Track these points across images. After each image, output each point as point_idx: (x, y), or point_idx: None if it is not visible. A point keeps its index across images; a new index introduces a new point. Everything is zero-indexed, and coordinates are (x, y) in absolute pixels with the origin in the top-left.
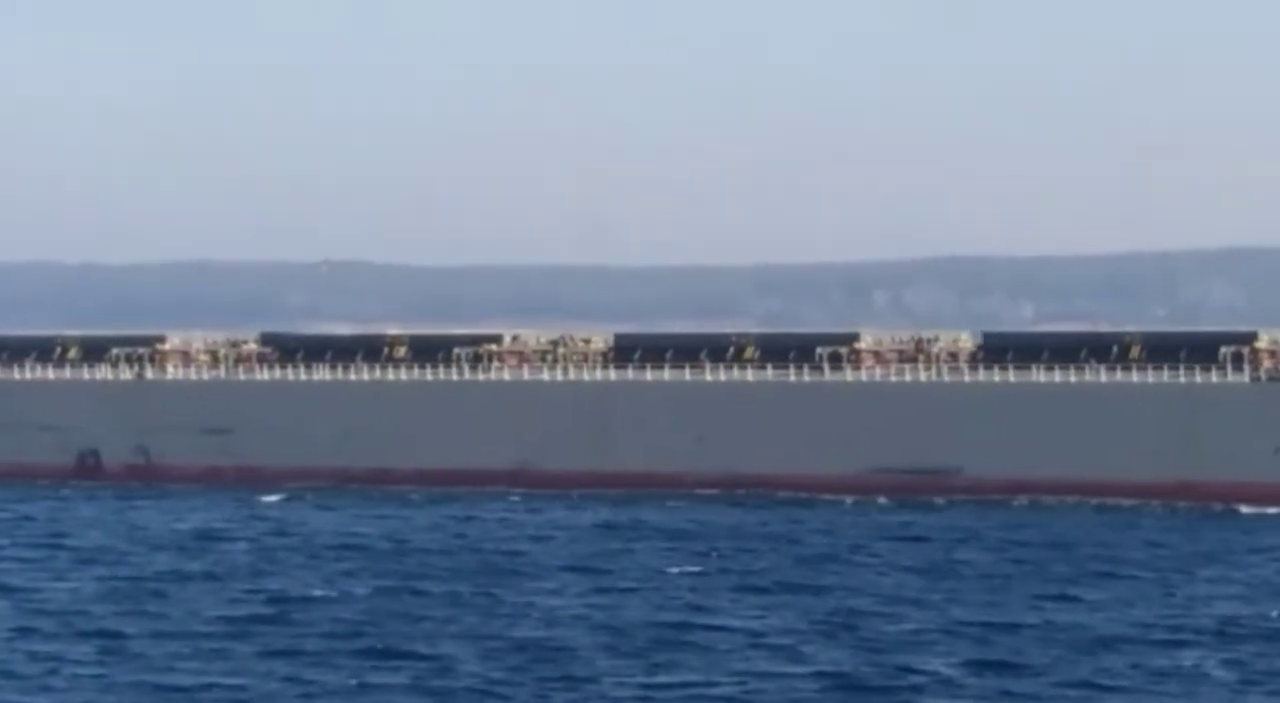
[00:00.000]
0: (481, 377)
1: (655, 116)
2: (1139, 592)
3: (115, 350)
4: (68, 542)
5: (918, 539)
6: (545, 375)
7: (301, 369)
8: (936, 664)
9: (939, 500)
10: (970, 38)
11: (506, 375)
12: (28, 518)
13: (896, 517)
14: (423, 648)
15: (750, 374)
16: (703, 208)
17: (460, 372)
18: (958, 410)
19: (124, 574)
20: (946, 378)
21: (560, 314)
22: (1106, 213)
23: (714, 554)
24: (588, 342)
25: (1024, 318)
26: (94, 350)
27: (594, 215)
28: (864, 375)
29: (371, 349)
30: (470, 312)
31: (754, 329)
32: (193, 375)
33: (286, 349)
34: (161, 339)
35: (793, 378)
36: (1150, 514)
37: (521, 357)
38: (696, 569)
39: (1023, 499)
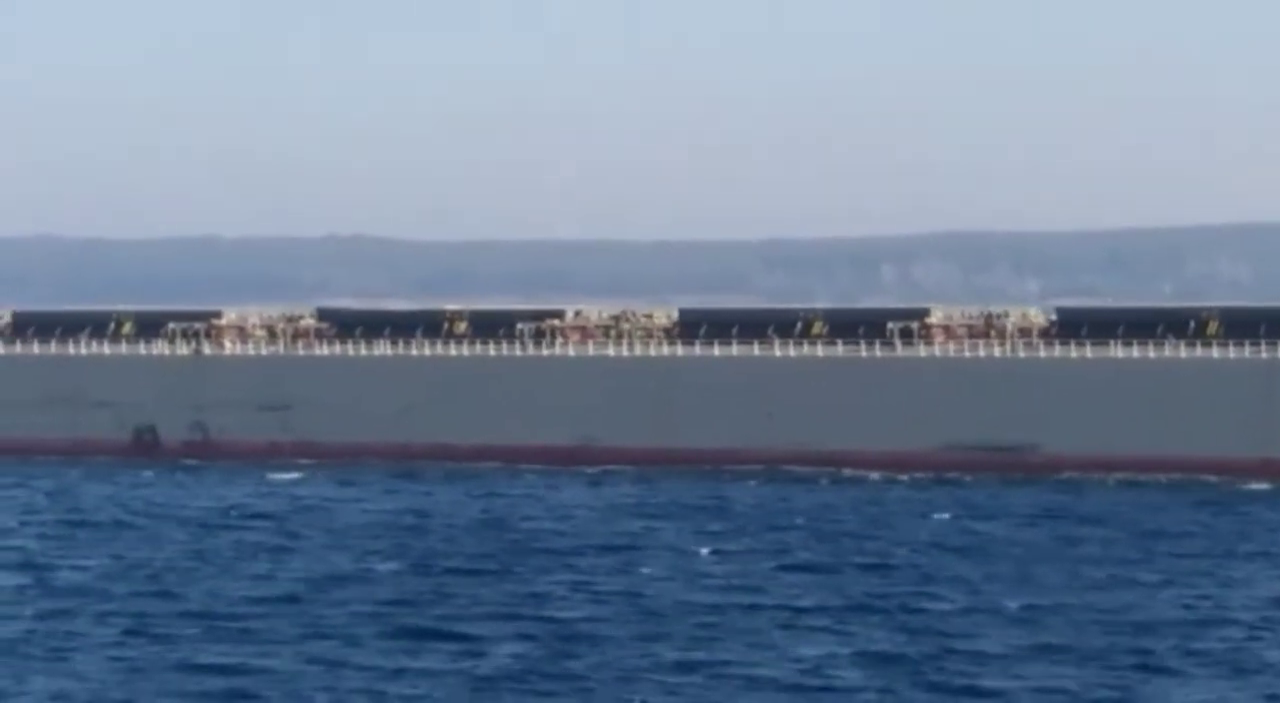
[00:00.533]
0: (545, 352)
1: (661, 94)
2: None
3: (171, 326)
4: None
5: (988, 517)
6: (610, 351)
7: (361, 344)
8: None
9: (1017, 477)
10: (975, 13)
11: (571, 351)
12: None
13: (969, 493)
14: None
15: (820, 350)
16: (709, 184)
17: (523, 347)
18: (1034, 387)
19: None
20: (1021, 354)
21: (566, 290)
22: (1111, 189)
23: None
24: (650, 317)
25: (1030, 293)
26: (149, 326)
27: (599, 191)
28: (936, 351)
29: (431, 324)
30: (476, 286)
31: (821, 304)
32: (250, 351)
33: (344, 324)
34: (218, 315)
35: (864, 354)
36: (1233, 492)
37: (584, 332)
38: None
39: (1102, 476)
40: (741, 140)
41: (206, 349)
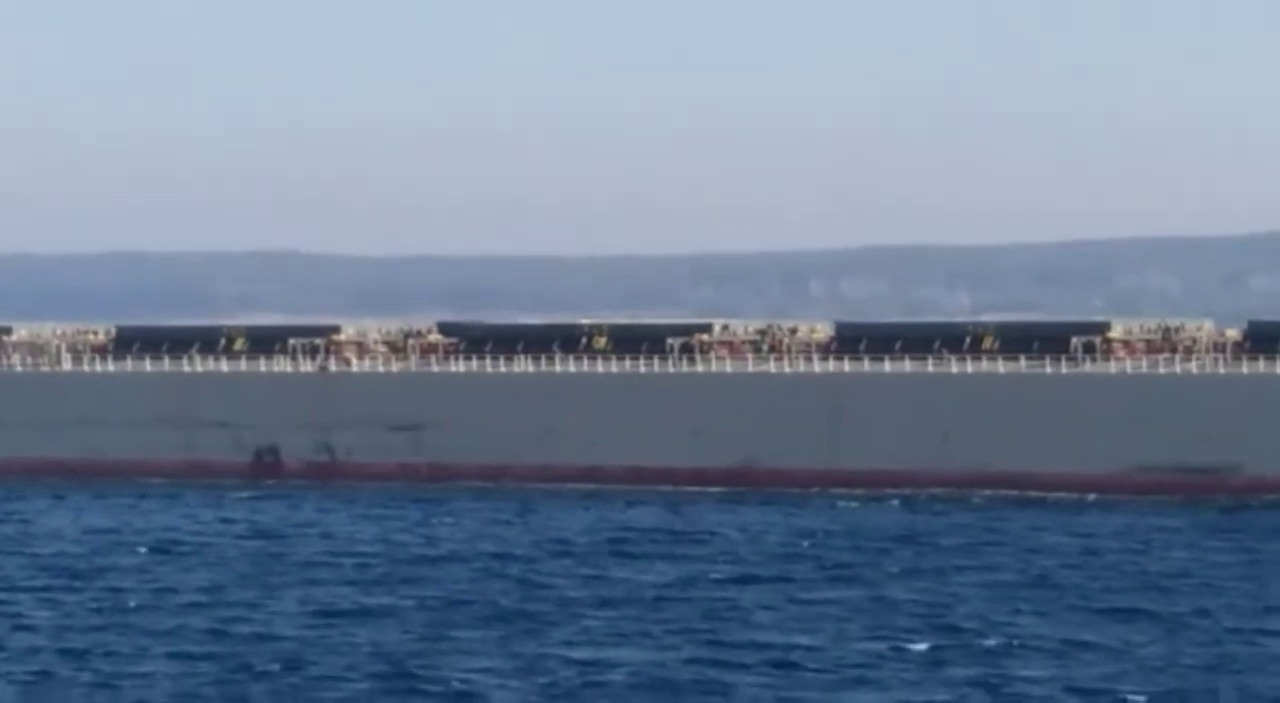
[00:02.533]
0: (702, 368)
1: (590, 108)
2: None
3: (293, 341)
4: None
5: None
6: (771, 367)
7: (499, 361)
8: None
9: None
10: (902, 26)
11: (729, 367)
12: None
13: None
14: None
15: (1001, 365)
16: (638, 198)
17: (675, 363)
18: (1235, 404)
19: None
20: (1221, 370)
21: (496, 304)
22: (1043, 202)
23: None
24: (795, 331)
25: (962, 307)
26: (263, 341)
27: (528, 206)
28: (1114, 367)
29: (568, 339)
30: (406, 303)
31: (989, 318)
32: (379, 368)
33: (474, 339)
34: (336, 329)
35: (1047, 370)
36: None
37: (731, 347)
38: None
39: None
40: (670, 156)
41: (332, 366)
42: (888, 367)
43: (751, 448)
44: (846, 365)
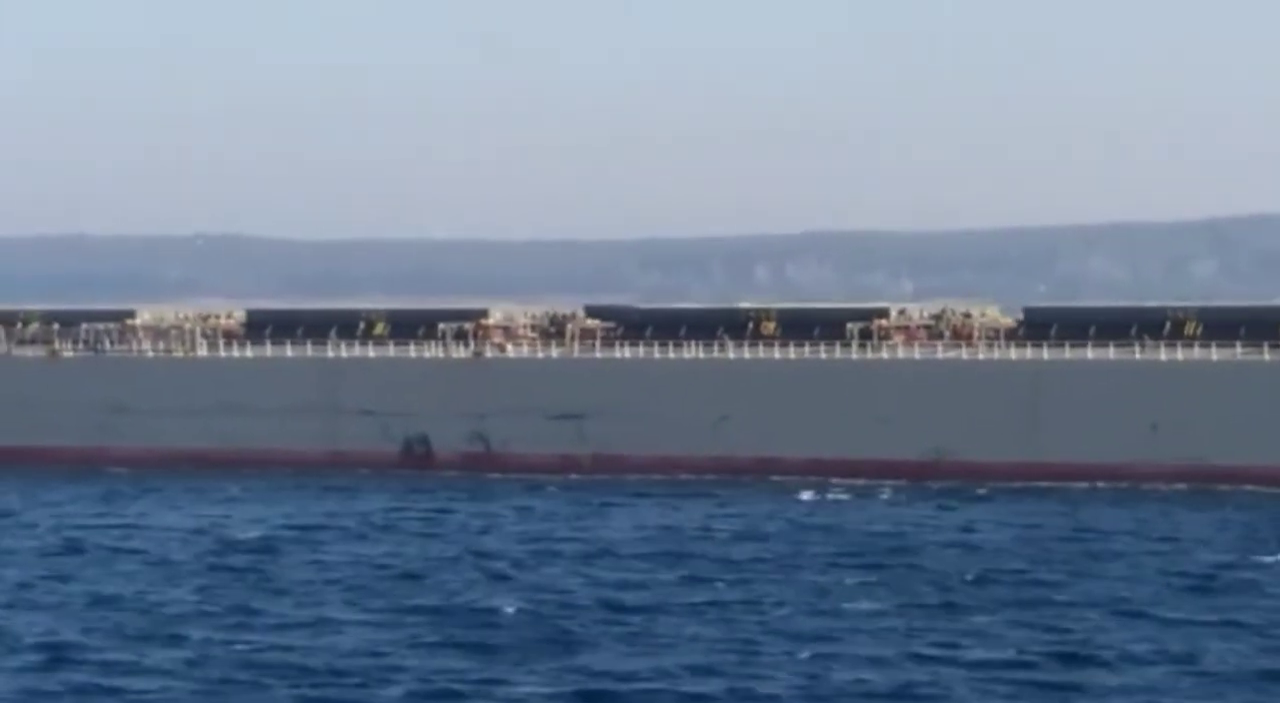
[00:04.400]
0: (888, 355)
1: (533, 93)
2: None
3: (443, 326)
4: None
5: None
6: (963, 354)
7: (657, 346)
8: None
9: None
10: (848, 11)
11: (916, 353)
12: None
13: None
14: None
15: (1215, 353)
16: (584, 182)
17: (857, 349)
18: None
19: None
20: None
21: (439, 290)
22: (986, 189)
23: None
24: (969, 316)
25: (905, 293)
26: (403, 326)
27: (472, 190)
28: None
29: (733, 324)
30: (349, 286)
31: (1192, 303)
32: (538, 354)
33: (631, 324)
34: (484, 313)
35: (1267, 356)
36: None
37: (908, 332)
38: None
39: None
40: (615, 139)
41: (488, 351)
42: (1090, 354)
43: (941, 439)
44: (1046, 352)
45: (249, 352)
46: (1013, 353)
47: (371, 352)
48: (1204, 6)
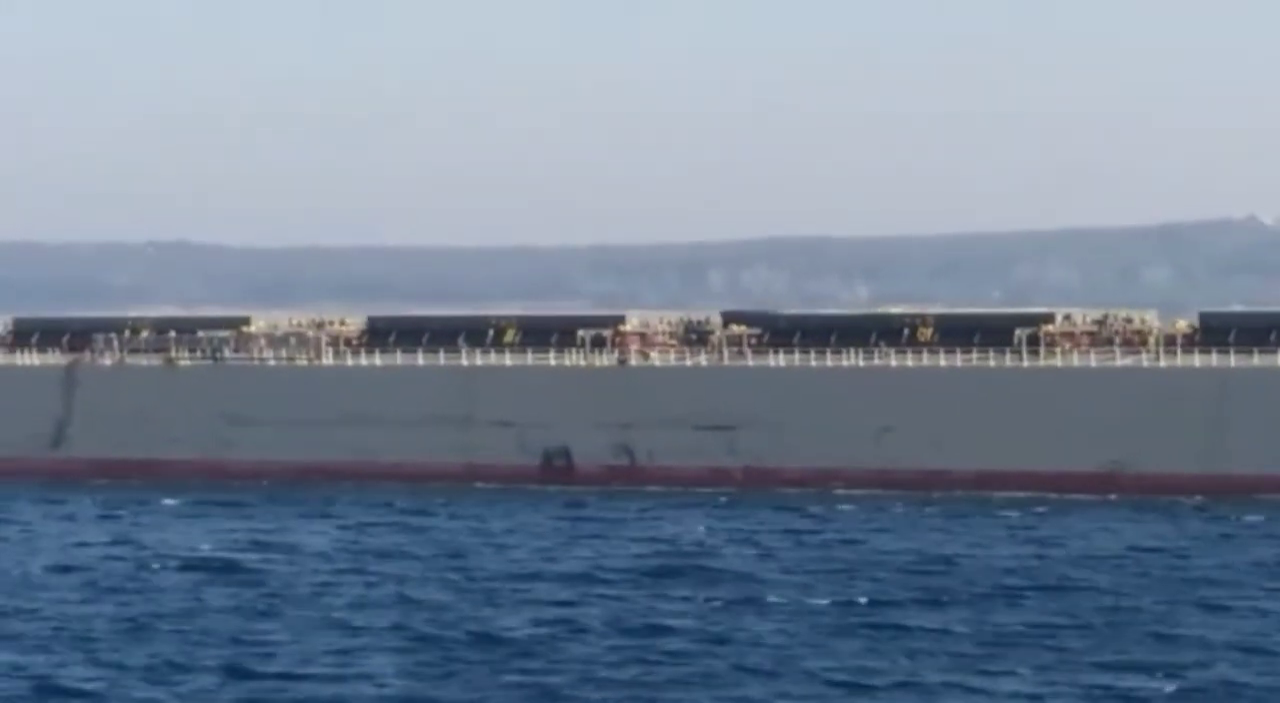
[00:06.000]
0: (1062, 363)
1: (484, 97)
2: None
3: (582, 333)
4: None
5: None
6: (1142, 360)
7: (823, 356)
8: None
9: None
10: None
11: (1092, 361)
12: None
13: None
14: None
15: None
16: (535, 189)
17: (1025, 357)
18: None
19: None
20: None
21: (390, 296)
22: (939, 196)
23: None
24: (1130, 321)
25: (859, 299)
26: (535, 333)
27: (424, 197)
28: None
29: (888, 330)
30: (301, 294)
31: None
32: (686, 361)
33: (777, 331)
34: (621, 319)
35: None
36: None
37: (1073, 338)
38: None
39: None
40: (568, 145)
41: (633, 359)
42: None
43: (1119, 450)
44: (1233, 360)
45: (377, 360)
46: (1196, 360)
47: (508, 360)
48: (1157, 14)
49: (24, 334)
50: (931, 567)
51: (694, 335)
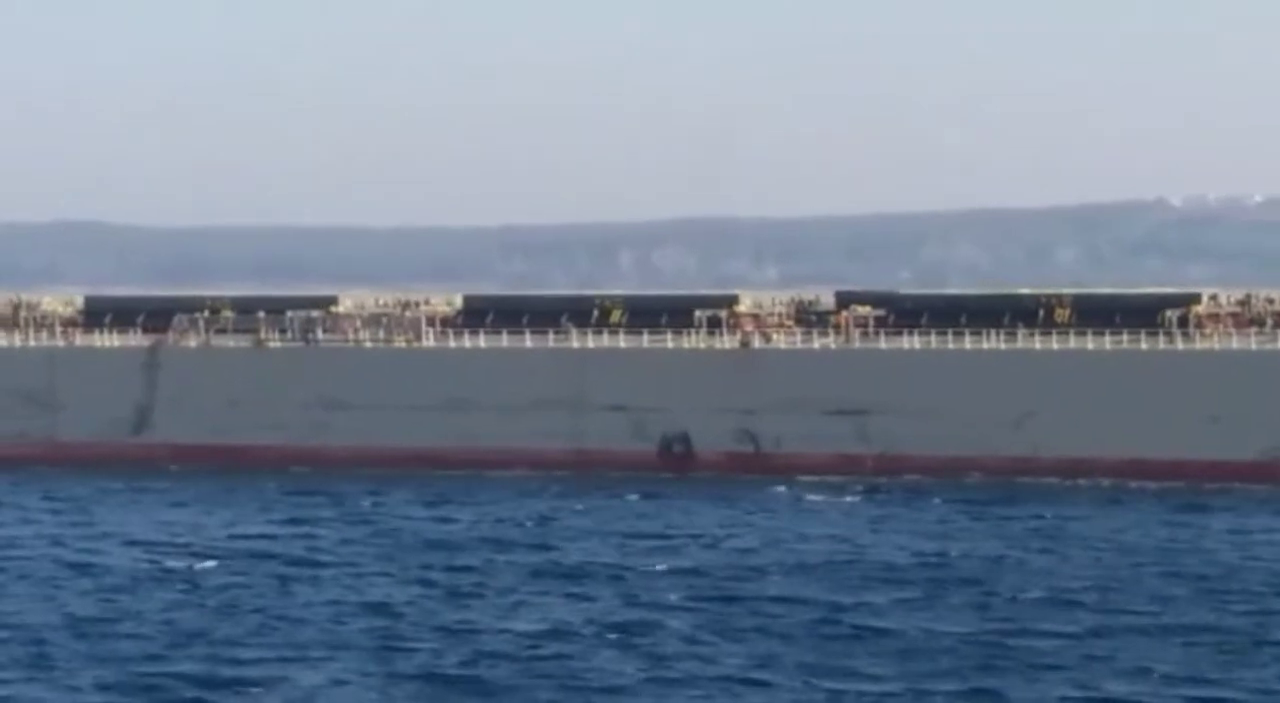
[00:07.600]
0: (1220, 345)
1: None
2: None
3: (698, 313)
4: None
5: None
6: None
7: (961, 338)
8: None
9: None
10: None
11: (1253, 344)
12: None
13: None
14: None
15: None
16: (447, 168)
17: (1180, 339)
18: None
19: None
20: None
21: (303, 276)
22: (849, 176)
23: None
24: (1270, 302)
25: (769, 280)
26: (644, 312)
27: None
28: None
29: (1021, 310)
30: (212, 273)
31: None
32: (814, 345)
33: (903, 311)
34: (735, 299)
35: None
36: None
37: (1218, 319)
38: None
39: None
40: (476, 125)
41: (756, 341)
42: None
43: (1276, 439)
44: None
45: (481, 341)
46: None
47: (622, 341)
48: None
49: (96, 313)
50: None
51: (813, 316)
